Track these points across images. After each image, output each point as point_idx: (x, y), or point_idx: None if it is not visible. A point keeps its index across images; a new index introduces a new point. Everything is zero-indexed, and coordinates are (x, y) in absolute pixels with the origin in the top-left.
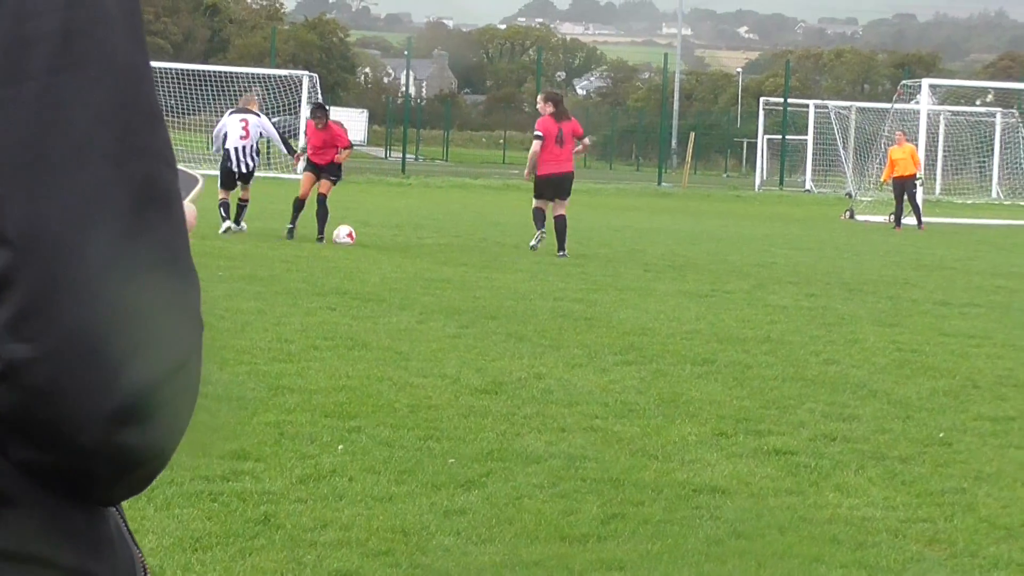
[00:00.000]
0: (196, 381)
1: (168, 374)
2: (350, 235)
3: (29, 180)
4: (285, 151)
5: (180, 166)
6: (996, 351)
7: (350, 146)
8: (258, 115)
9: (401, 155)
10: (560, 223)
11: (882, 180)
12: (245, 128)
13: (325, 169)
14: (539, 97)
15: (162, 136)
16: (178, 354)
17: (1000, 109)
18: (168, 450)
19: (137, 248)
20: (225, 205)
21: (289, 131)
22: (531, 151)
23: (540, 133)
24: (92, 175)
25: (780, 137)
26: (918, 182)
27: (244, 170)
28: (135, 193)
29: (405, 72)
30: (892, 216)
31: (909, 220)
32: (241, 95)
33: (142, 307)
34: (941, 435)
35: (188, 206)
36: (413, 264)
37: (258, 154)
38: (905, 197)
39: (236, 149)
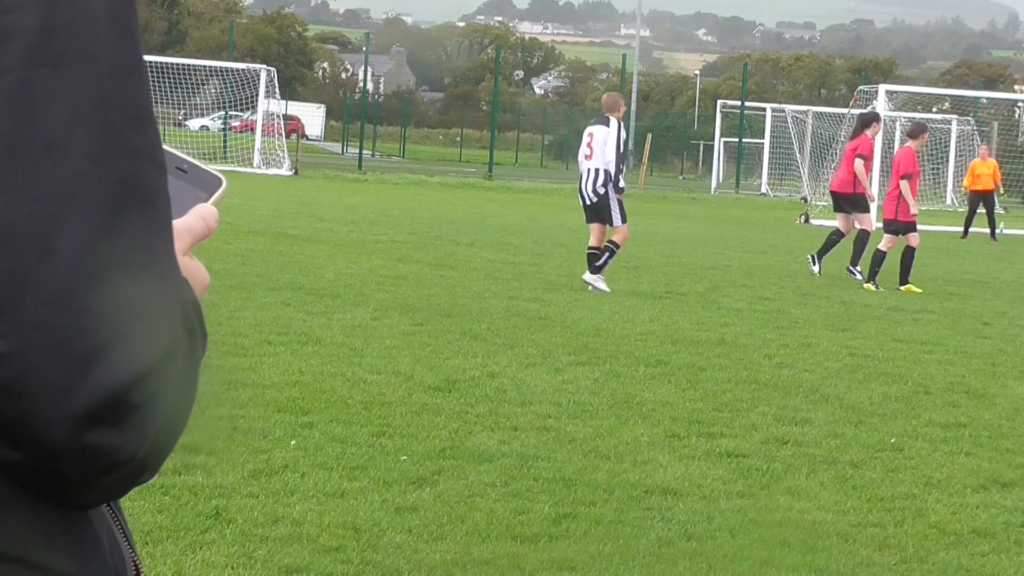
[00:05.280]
0: (181, 389)
1: (139, 377)
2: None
3: (1, 174)
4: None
5: (205, 165)
6: (948, 357)
7: None
8: (616, 124)
9: (358, 151)
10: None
11: (964, 187)
12: (589, 144)
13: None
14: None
15: (149, 136)
16: (151, 357)
17: (956, 116)
18: (149, 455)
19: (111, 247)
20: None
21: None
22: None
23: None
24: (67, 172)
25: (737, 140)
26: (998, 197)
27: (587, 202)
28: (113, 192)
29: (363, 68)
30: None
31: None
32: (198, 88)
33: (113, 307)
34: (892, 440)
35: (209, 208)
36: (368, 260)
37: (611, 185)
38: (979, 210)
39: (582, 174)
